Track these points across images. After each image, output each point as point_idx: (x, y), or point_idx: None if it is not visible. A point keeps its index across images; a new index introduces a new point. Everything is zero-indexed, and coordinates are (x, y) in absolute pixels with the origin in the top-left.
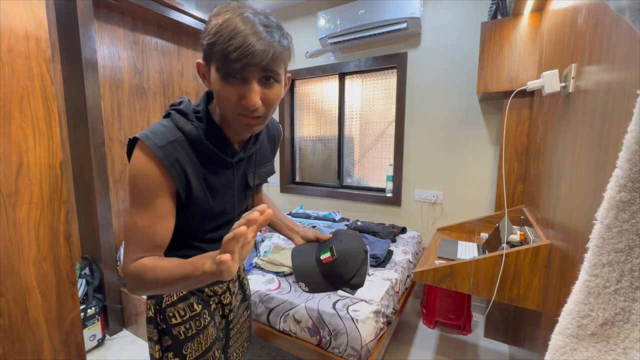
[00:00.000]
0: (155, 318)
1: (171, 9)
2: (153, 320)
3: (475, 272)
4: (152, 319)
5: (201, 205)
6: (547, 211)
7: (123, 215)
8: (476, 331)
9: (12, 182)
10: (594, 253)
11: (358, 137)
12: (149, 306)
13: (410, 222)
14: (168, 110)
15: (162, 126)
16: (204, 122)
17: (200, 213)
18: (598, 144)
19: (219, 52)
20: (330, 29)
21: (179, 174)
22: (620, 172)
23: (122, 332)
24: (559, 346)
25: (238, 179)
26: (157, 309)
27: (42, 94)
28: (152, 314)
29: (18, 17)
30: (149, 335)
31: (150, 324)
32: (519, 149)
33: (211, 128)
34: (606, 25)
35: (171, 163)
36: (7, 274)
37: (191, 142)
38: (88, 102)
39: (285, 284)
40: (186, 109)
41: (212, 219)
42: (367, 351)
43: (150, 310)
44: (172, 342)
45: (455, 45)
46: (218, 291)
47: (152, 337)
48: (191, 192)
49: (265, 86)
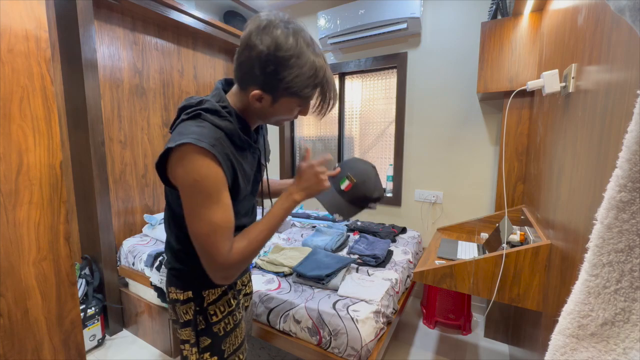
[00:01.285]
0: (195, 320)
1: (171, 9)
2: (192, 323)
3: (475, 272)
4: (191, 321)
5: (241, 191)
6: (547, 211)
7: (123, 215)
8: (476, 331)
9: (12, 182)
10: (594, 253)
11: (358, 137)
12: (186, 310)
13: (410, 222)
14: (196, 111)
15: (201, 127)
16: (233, 117)
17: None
18: (598, 144)
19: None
20: (331, 29)
21: (229, 168)
22: (620, 172)
23: (122, 332)
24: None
25: (256, 162)
26: (198, 310)
27: (42, 94)
28: (190, 317)
29: (18, 17)
30: (185, 338)
31: (187, 326)
32: (519, 149)
33: (239, 120)
34: (606, 25)
35: (223, 159)
36: (7, 274)
37: (229, 136)
38: (88, 102)
39: (285, 284)
40: (214, 106)
41: (242, 201)
42: (367, 351)
43: (187, 314)
44: (211, 341)
45: (455, 45)
46: (244, 281)
47: (188, 340)
48: (236, 182)
49: None
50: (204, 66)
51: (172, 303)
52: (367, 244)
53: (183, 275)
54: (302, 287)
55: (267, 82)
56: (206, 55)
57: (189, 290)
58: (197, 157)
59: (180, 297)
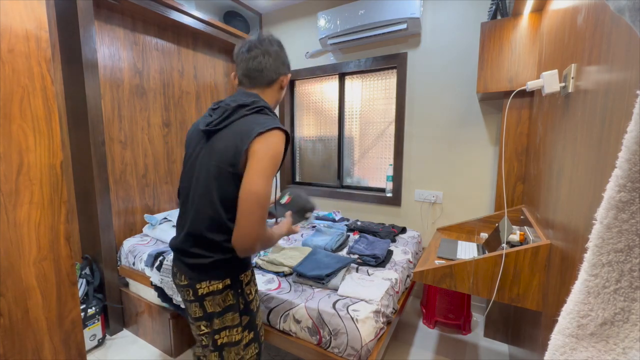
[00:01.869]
0: (238, 303)
1: (171, 9)
2: (235, 306)
3: (475, 272)
4: (234, 305)
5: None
6: (546, 211)
7: (123, 215)
8: (476, 331)
9: (12, 182)
10: (594, 253)
11: (358, 137)
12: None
13: (410, 222)
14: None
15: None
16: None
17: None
18: (598, 144)
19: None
20: (330, 29)
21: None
22: (619, 172)
23: (122, 331)
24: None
25: None
26: (240, 292)
27: (43, 94)
28: (233, 301)
29: (18, 17)
30: (229, 324)
31: (230, 311)
32: (518, 149)
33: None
34: (606, 25)
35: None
36: (7, 274)
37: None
38: (88, 102)
39: (285, 283)
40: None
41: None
42: (367, 351)
43: (228, 300)
44: (249, 319)
45: (455, 45)
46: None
47: (232, 324)
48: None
49: None
50: (204, 66)
51: (206, 297)
52: (367, 244)
53: (224, 264)
54: (302, 287)
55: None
56: (206, 56)
57: (227, 278)
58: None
59: (220, 286)
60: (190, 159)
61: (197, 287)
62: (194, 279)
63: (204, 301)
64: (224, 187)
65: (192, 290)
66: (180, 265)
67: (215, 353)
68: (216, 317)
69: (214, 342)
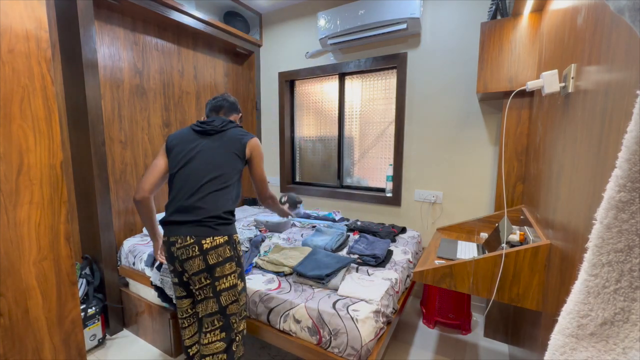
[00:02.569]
0: (234, 254)
1: (171, 9)
2: (234, 257)
3: (475, 272)
4: (232, 256)
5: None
6: (546, 211)
7: (123, 215)
8: (476, 331)
9: (12, 182)
10: (594, 253)
11: (358, 137)
12: (225, 249)
13: (410, 222)
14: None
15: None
16: None
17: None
18: (598, 144)
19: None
20: (330, 29)
21: None
22: (619, 172)
23: (122, 331)
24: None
25: None
26: (234, 247)
27: (43, 94)
28: (231, 253)
29: (18, 17)
30: (228, 272)
31: (230, 260)
32: (518, 149)
33: None
34: (606, 25)
35: None
36: (7, 274)
37: None
38: (88, 102)
39: (285, 283)
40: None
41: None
42: (367, 351)
43: (227, 251)
44: (241, 270)
45: (455, 45)
46: None
47: (230, 272)
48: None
49: None
50: (204, 66)
51: (208, 251)
52: (367, 244)
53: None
54: (302, 287)
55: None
56: (206, 56)
57: (225, 235)
58: (258, 142)
59: (221, 240)
60: (191, 152)
61: (203, 243)
62: (201, 236)
63: (213, 252)
64: (234, 164)
65: (198, 246)
66: (182, 229)
67: (214, 299)
68: (220, 265)
69: (214, 289)
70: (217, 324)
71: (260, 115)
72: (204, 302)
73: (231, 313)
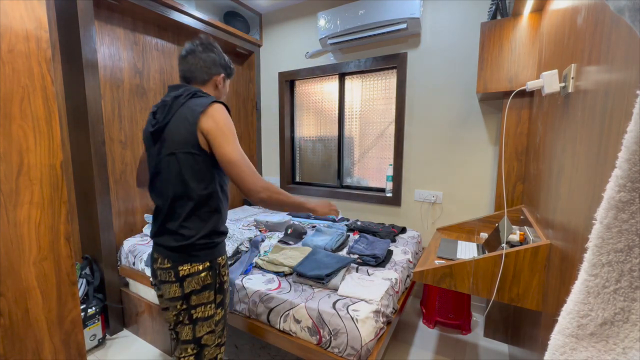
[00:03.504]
0: (214, 282)
1: (171, 9)
2: (212, 285)
3: (475, 272)
4: (211, 284)
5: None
6: (546, 211)
7: (124, 215)
8: (476, 331)
9: (12, 181)
10: (594, 253)
11: (358, 137)
12: (206, 277)
13: (410, 222)
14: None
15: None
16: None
17: None
18: (598, 144)
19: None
20: (330, 29)
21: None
22: (619, 172)
23: (122, 331)
24: (559, 346)
25: None
26: (217, 273)
27: (43, 94)
28: (210, 280)
29: (18, 17)
30: (205, 301)
31: (207, 289)
32: (518, 149)
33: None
34: (605, 25)
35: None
36: (7, 274)
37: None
38: (88, 102)
39: (285, 283)
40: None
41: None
42: (367, 351)
43: (207, 279)
44: (222, 297)
45: (455, 45)
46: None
47: (209, 301)
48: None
49: None
50: None
51: (185, 278)
52: (367, 244)
53: (202, 248)
54: (302, 287)
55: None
56: None
57: (206, 260)
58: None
59: (200, 267)
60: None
61: (180, 269)
62: (179, 262)
63: (188, 280)
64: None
65: (176, 272)
66: (161, 250)
67: (190, 326)
68: (196, 294)
69: (190, 317)
70: (190, 352)
71: (260, 116)
72: (181, 326)
73: (205, 344)
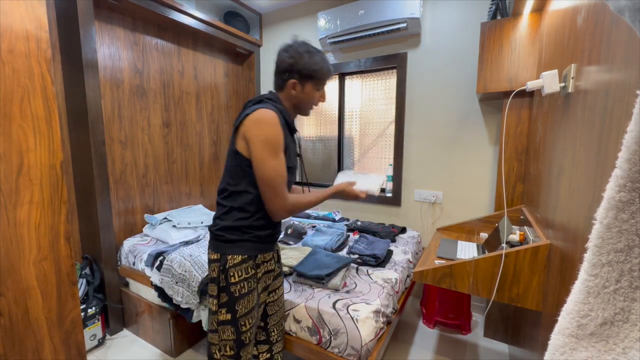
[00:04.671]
0: (218, 277)
1: (171, 9)
2: (216, 280)
3: (475, 272)
4: (215, 278)
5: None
6: (546, 211)
7: (123, 215)
8: (476, 331)
9: (12, 181)
10: (594, 253)
11: (358, 137)
12: (213, 268)
13: (410, 222)
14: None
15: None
16: (282, 106)
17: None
18: (598, 144)
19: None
20: (330, 29)
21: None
22: (619, 172)
23: (122, 331)
24: (559, 346)
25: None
26: (222, 269)
27: (43, 94)
28: (215, 275)
29: (18, 18)
30: (210, 292)
31: (213, 282)
32: (518, 149)
33: (285, 109)
34: (605, 25)
35: (281, 123)
36: (7, 274)
37: (282, 113)
38: (88, 102)
39: (285, 283)
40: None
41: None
42: (367, 351)
43: (214, 272)
44: (228, 299)
45: (455, 45)
46: (267, 258)
47: (212, 294)
48: (287, 145)
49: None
50: (204, 66)
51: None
52: (367, 244)
53: (217, 237)
54: (302, 287)
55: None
56: (206, 56)
57: (218, 252)
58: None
59: (212, 257)
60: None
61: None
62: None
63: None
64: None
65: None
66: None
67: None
68: (209, 281)
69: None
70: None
71: None
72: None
73: (211, 342)
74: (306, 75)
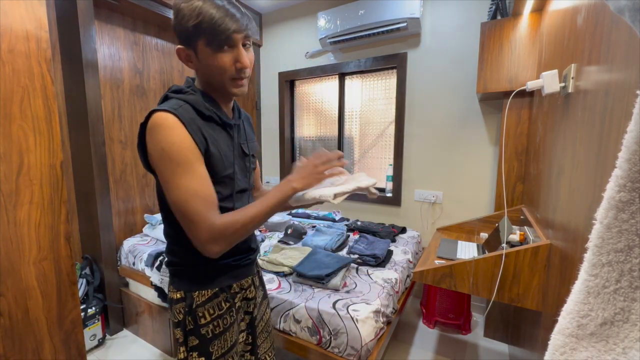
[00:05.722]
0: (184, 321)
1: (171, 8)
2: (181, 324)
3: (475, 272)
4: (181, 322)
5: (217, 164)
6: (546, 211)
7: (123, 215)
8: (476, 331)
9: (12, 182)
10: (594, 253)
11: (358, 137)
12: (178, 310)
13: (410, 222)
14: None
15: (166, 103)
16: (197, 92)
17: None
18: (598, 144)
19: (207, 28)
20: (330, 29)
21: (198, 135)
22: (619, 172)
23: (122, 331)
24: (559, 346)
25: (236, 144)
26: (187, 311)
27: (43, 94)
28: (181, 318)
29: (18, 18)
30: (176, 337)
31: (178, 327)
32: (518, 149)
33: (204, 96)
34: (605, 25)
35: (189, 123)
36: (7, 274)
37: (193, 105)
38: (88, 102)
39: (285, 283)
40: (178, 87)
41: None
42: (367, 351)
43: (179, 314)
44: (199, 342)
45: (455, 45)
46: (244, 285)
47: (178, 339)
48: (208, 149)
49: (246, 50)
50: None
51: (170, 303)
52: (367, 244)
53: (177, 273)
54: (302, 287)
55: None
56: None
57: (181, 290)
58: (163, 125)
59: (175, 296)
60: None
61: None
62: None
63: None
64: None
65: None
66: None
67: None
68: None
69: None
70: None
71: (260, 115)
72: None
73: None
74: (192, 35)
